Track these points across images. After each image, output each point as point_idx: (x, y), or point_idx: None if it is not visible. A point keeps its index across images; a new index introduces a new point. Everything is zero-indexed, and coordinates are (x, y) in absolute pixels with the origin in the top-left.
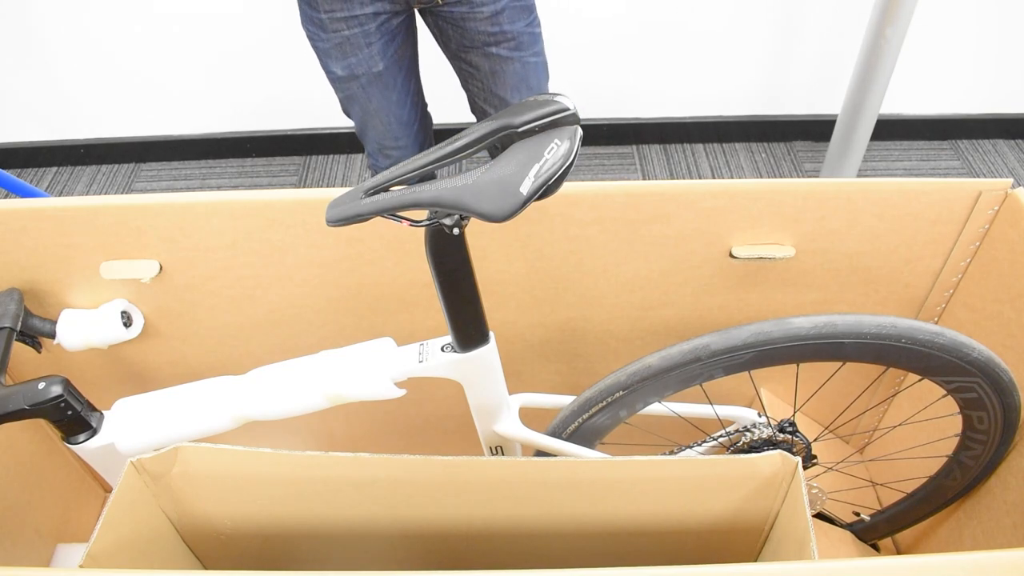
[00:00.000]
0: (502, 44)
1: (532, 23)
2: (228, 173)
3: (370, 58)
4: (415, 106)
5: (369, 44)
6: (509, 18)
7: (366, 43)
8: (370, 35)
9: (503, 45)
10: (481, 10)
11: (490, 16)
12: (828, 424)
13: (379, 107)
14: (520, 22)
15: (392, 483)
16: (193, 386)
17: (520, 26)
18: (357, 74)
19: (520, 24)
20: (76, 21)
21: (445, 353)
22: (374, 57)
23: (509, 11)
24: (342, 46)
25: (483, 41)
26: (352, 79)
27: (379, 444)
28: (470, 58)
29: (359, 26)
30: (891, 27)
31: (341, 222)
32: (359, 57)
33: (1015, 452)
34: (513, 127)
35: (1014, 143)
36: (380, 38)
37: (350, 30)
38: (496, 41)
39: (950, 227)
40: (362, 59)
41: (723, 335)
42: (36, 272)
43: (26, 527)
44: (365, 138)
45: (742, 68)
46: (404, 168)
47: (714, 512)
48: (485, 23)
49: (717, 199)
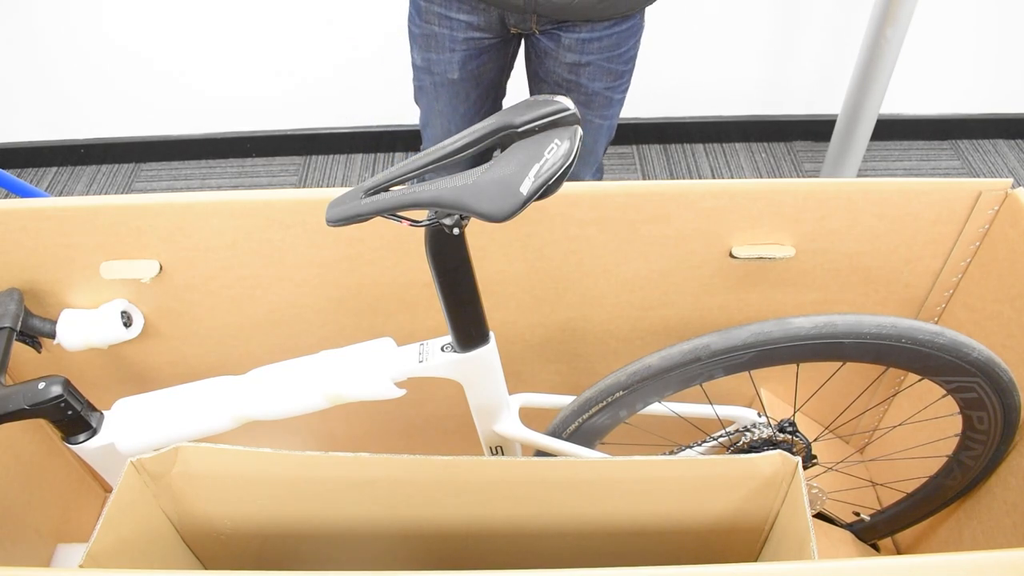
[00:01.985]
0: (572, 94)
1: (616, 88)
2: (228, 173)
3: (448, 63)
4: None
5: (452, 50)
6: (590, 75)
7: (450, 48)
8: (456, 42)
9: (573, 95)
10: (565, 55)
11: (571, 64)
12: (828, 424)
13: (444, 111)
14: (600, 82)
15: (392, 483)
16: (193, 386)
17: (599, 86)
18: (433, 71)
19: (599, 84)
20: (76, 21)
21: (445, 353)
22: (452, 64)
23: (594, 68)
24: (428, 39)
25: (556, 82)
26: (427, 73)
27: (379, 444)
28: (541, 88)
29: (449, 29)
30: (891, 27)
31: (341, 222)
32: (439, 57)
33: (1015, 452)
34: (513, 127)
35: (1014, 143)
36: (465, 50)
37: (440, 27)
38: (568, 88)
39: (950, 227)
40: (441, 60)
41: (723, 335)
42: (36, 272)
43: (26, 527)
44: (425, 133)
45: (742, 68)
46: (404, 168)
47: (714, 512)
48: (564, 68)
49: (717, 199)
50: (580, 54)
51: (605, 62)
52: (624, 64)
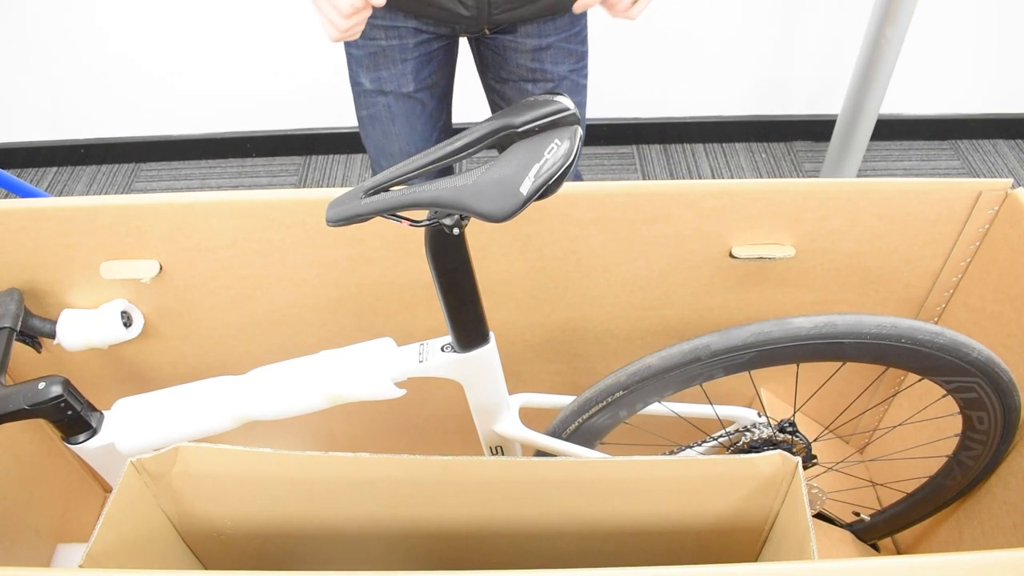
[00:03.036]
0: (539, 83)
1: (578, 71)
2: (228, 173)
3: (402, 75)
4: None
5: (404, 60)
6: (553, 58)
7: (401, 59)
8: (407, 51)
9: (540, 84)
10: (525, 42)
11: (533, 51)
12: (828, 424)
13: (401, 132)
14: (564, 65)
15: (392, 483)
16: (193, 386)
17: (563, 69)
18: (386, 90)
19: (563, 67)
20: (76, 21)
21: (445, 353)
22: (406, 75)
23: (555, 50)
24: (375, 56)
25: (521, 76)
26: (379, 95)
27: (379, 444)
28: (504, 91)
29: (397, 39)
30: (891, 27)
31: (341, 222)
32: (391, 72)
33: (1015, 452)
34: (513, 127)
35: (1014, 143)
36: (416, 58)
37: (387, 40)
38: (535, 79)
39: (950, 227)
40: (393, 75)
41: (723, 335)
42: (36, 272)
43: (26, 527)
44: (379, 166)
45: (742, 68)
46: (404, 168)
47: (714, 512)
48: (526, 57)
49: (717, 199)
50: (540, 38)
51: (565, 43)
52: (581, 44)
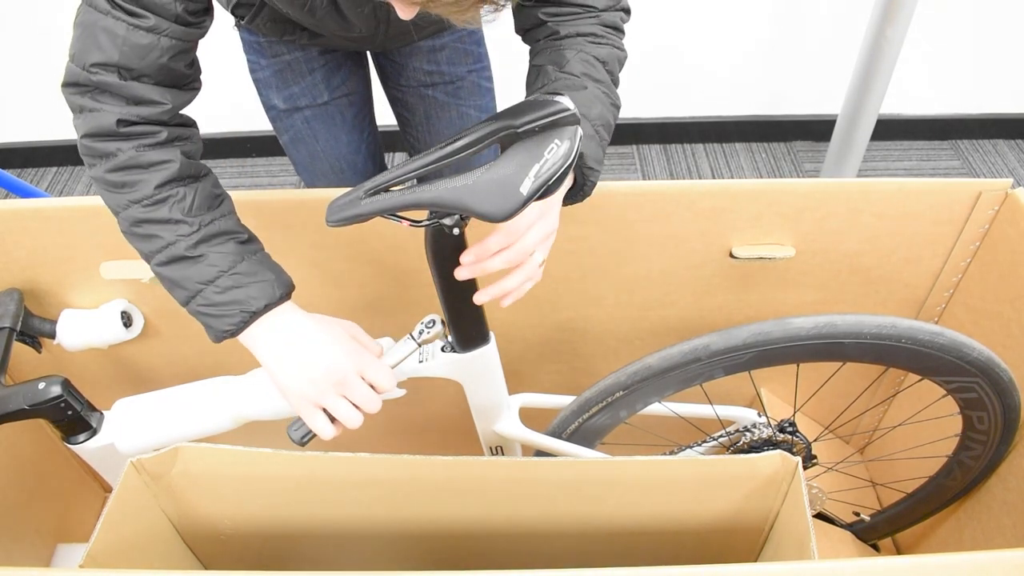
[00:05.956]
0: (439, 86)
1: (478, 72)
2: (228, 173)
3: (313, 86)
4: (371, 157)
5: (312, 71)
6: (448, 58)
7: (308, 69)
8: (312, 60)
9: (440, 87)
10: (419, 44)
11: (428, 52)
12: (828, 424)
13: (327, 148)
14: (462, 66)
15: (392, 483)
16: (193, 386)
17: (461, 70)
18: (300, 106)
19: (461, 68)
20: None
21: (445, 353)
22: (317, 85)
23: (450, 51)
24: (283, 72)
25: (420, 80)
26: (295, 111)
27: (379, 444)
28: (407, 99)
29: (300, 50)
30: (891, 27)
31: (341, 222)
32: (301, 86)
33: (1015, 452)
34: (513, 127)
35: (1014, 143)
36: (324, 64)
37: (291, 54)
38: (433, 82)
39: (950, 227)
40: (305, 88)
41: (723, 335)
42: (36, 272)
43: (26, 527)
44: (315, 187)
45: (742, 68)
46: (404, 168)
47: (714, 512)
48: (422, 59)
49: (717, 199)
50: (434, 39)
51: (458, 43)
52: (477, 45)
